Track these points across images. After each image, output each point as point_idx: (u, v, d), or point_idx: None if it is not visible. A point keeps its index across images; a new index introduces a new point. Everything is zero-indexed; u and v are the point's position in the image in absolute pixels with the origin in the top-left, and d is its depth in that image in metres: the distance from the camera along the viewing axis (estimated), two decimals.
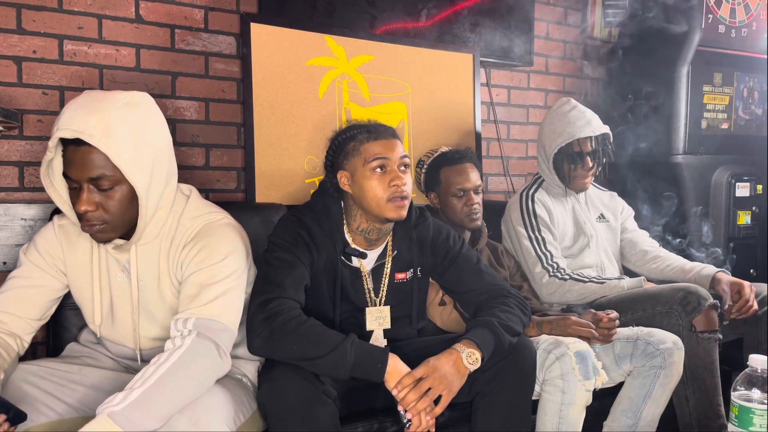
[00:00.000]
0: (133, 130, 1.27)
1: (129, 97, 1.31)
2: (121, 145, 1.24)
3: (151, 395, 1.17)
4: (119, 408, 1.13)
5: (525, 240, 2.17)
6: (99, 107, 1.26)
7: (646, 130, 2.77)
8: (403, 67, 2.46)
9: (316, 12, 2.27)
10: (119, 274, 1.42)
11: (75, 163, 1.26)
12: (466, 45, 2.61)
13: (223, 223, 1.43)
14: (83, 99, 1.29)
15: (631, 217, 2.42)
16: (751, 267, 2.84)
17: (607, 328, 1.76)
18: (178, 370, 1.21)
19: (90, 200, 1.27)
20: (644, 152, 2.77)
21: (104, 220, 1.30)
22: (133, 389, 1.17)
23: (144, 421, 1.14)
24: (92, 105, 1.26)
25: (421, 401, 1.34)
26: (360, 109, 2.37)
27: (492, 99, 2.81)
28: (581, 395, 1.60)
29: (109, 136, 1.23)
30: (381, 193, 1.50)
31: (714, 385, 1.90)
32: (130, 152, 1.25)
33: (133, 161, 1.26)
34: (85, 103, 1.27)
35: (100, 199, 1.28)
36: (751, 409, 1.24)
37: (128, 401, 1.14)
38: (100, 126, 1.23)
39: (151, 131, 1.32)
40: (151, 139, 1.31)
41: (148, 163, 1.29)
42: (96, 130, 1.22)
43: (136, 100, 1.32)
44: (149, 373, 1.20)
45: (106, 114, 1.25)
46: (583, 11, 3.03)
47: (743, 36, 2.81)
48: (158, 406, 1.17)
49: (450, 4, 2.55)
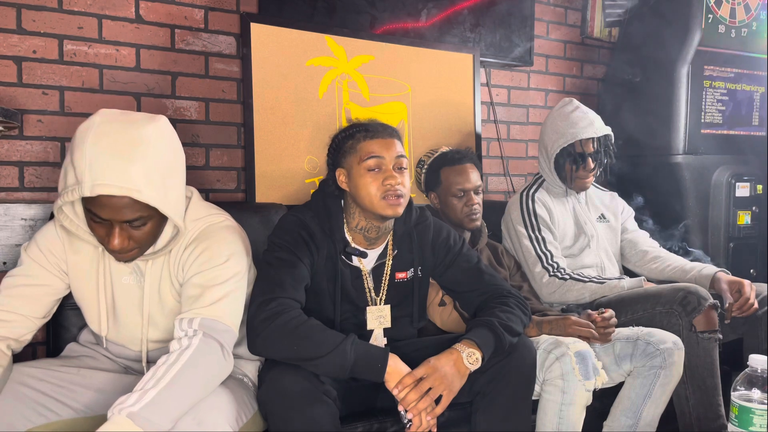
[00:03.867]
0: (165, 170, 1.25)
1: (155, 129, 1.25)
2: (159, 190, 1.23)
3: (166, 396, 1.16)
4: (137, 408, 1.12)
5: (525, 240, 2.17)
6: (133, 155, 1.20)
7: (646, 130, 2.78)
8: (403, 67, 2.46)
9: (316, 12, 2.27)
10: (126, 277, 1.41)
11: (109, 208, 1.22)
12: (466, 45, 2.61)
13: (224, 225, 1.43)
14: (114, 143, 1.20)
15: (632, 218, 2.42)
16: (751, 267, 2.85)
17: (603, 327, 1.76)
18: (189, 370, 1.21)
19: (123, 238, 1.26)
20: (644, 152, 2.78)
21: (134, 248, 1.30)
22: (147, 390, 1.16)
23: (160, 421, 1.14)
24: (125, 152, 1.20)
25: (421, 401, 1.34)
26: (360, 109, 2.37)
27: (492, 99, 2.81)
28: (581, 395, 1.60)
29: (153, 189, 1.21)
30: (375, 191, 1.50)
31: (714, 385, 1.90)
32: (166, 192, 1.25)
33: (171, 200, 1.27)
34: (116, 149, 1.20)
35: (131, 233, 1.27)
36: (751, 409, 1.25)
37: (144, 401, 1.14)
38: (143, 179, 1.20)
39: (178, 159, 1.32)
40: (179, 168, 1.32)
41: (180, 194, 1.32)
42: (140, 184, 1.19)
43: (162, 128, 1.28)
44: (161, 374, 1.19)
45: (145, 162, 1.21)
46: (583, 11, 3.03)
47: (743, 36, 2.81)
48: (172, 407, 1.17)
49: (450, 4, 2.55)
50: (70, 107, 1.95)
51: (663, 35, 2.75)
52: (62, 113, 1.94)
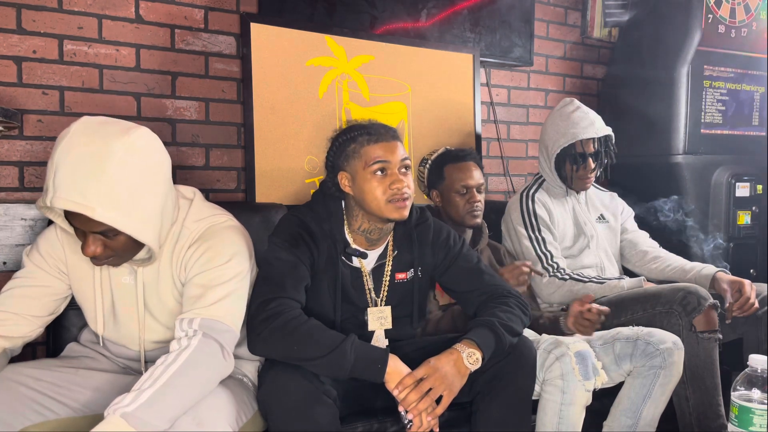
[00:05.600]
0: (134, 188, 1.20)
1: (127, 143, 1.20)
2: (124, 211, 1.19)
3: (161, 396, 1.16)
4: (131, 409, 1.12)
5: (525, 240, 2.17)
6: (96, 169, 1.16)
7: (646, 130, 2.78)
8: (403, 67, 2.46)
9: (316, 12, 2.27)
10: (125, 277, 1.41)
11: (78, 219, 1.21)
12: (466, 45, 2.61)
13: (227, 225, 1.43)
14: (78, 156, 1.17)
15: (632, 218, 2.42)
16: (751, 267, 2.84)
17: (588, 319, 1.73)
18: (186, 371, 1.21)
19: (96, 246, 1.24)
20: (644, 152, 2.78)
21: (111, 256, 1.28)
22: (143, 390, 1.16)
23: (155, 421, 1.14)
24: (89, 166, 1.16)
25: (422, 402, 1.34)
26: (360, 109, 2.37)
27: (492, 99, 2.81)
28: (581, 395, 1.60)
29: (112, 207, 1.17)
30: (381, 195, 1.50)
31: (714, 385, 1.90)
32: (134, 212, 1.21)
33: (137, 218, 1.22)
34: (78, 164, 1.17)
35: (106, 242, 1.25)
36: (751, 409, 1.25)
37: (139, 402, 1.14)
38: (102, 197, 1.16)
39: (153, 176, 1.25)
40: (151, 184, 1.25)
41: (155, 213, 1.26)
42: (97, 203, 1.16)
43: (134, 143, 1.21)
44: (158, 374, 1.19)
45: (105, 179, 1.16)
46: (583, 11, 3.03)
47: (743, 36, 2.81)
48: (168, 407, 1.17)
49: (450, 4, 2.55)
50: (70, 107, 1.95)
51: (663, 35, 2.75)
52: (62, 113, 1.94)
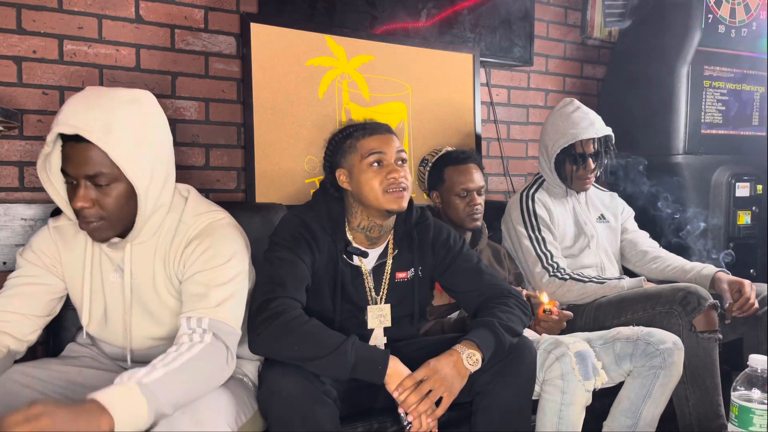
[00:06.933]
0: (133, 128, 1.26)
1: (131, 94, 1.29)
2: (120, 143, 1.23)
3: (173, 378, 1.15)
4: (146, 380, 1.11)
5: (525, 240, 2.17)
6: (100, 104, 1.24)
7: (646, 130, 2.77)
8: (403, 67, 2.46)
9: (316, 12, 2.27)
10: (113, 275, 1.41)
11: (73, 159, 1.25)
12: (466, 45, 2.61)
13: (225, 222, 1.43)
14: (84, 94, 1.27)
15: (632, 218, 2.42)
16: (751, 267, 2.84)
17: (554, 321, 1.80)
18: (198, 362, 1.21)
19: (86, 197, 1.26)
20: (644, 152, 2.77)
21: (101, 217, 1.29)
22: (156, 367, 1.15)
23: (164, 399, 1.12)
24: (93, 101, 1.25)
25: (422, 403, 1.34)
26: (360, 109, 2.37)
27: (492, 99, 2.81)
28: (581, 395, 1.60)
29: (109, 134, 1.22)
30: (378, 186, 1.51)
31: (714, 385, 1.90)
32: (129, 150, 1.24)
33: (133, 159, 1.25)
34: (85, 98, 1.26)
35: (97, 196, 1.27)
36: (751, 409, 1.25)
37: (153, 377, 1.12)
38: (100, 123, 1.22)
39: (152, 130, 1.31)
40: (151, 137, 1.30)
41: (147, 162, 1.28)
42: (95, 127, 1.21)
43: (138, 97, 1.30)
44: (170, 359, 1.18)
45: (107, 111, 1.23)
46: (583, 11, 3.03)
47: (743, 36, 2.81)
48: (177, 391, 1.16)
49: (450, 4, 2.55)
50: None
51: (663, 35, 2.75)
52: None
